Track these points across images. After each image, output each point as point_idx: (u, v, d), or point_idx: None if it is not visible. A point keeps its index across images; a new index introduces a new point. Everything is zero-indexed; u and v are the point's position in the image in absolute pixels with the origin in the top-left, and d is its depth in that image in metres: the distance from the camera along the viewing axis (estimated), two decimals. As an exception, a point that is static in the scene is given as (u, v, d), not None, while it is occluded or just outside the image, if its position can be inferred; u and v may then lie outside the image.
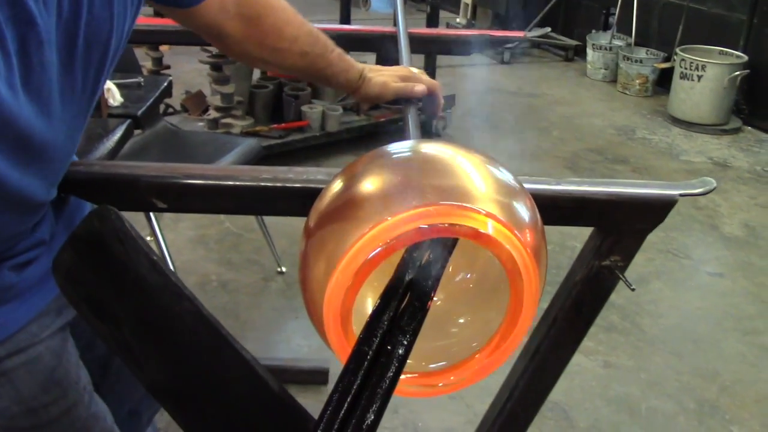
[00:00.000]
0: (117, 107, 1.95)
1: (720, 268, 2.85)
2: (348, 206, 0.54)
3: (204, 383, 0.86)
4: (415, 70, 1.26)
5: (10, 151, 0.68)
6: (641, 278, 2.68)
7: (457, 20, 5.95)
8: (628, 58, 4.71)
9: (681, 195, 0.98)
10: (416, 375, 0.60)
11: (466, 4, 5.87)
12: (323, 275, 0.52)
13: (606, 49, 4.93)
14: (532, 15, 5.68)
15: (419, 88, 1.19)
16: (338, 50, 1.16)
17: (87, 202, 1.00)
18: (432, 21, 3.68)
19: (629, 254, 1.03)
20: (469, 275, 0.67)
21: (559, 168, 3.66)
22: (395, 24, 1.54)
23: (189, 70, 4.16)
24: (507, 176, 0.60)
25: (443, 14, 5.40)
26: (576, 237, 2.69)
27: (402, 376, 0.56)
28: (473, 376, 0.59)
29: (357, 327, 0.55)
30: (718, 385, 2.18)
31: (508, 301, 0.55)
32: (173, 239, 2.70)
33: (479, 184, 0.56)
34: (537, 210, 0.60)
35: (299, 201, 0.95)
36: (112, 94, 1.96)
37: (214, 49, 3.06)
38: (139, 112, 1.95)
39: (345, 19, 4.23)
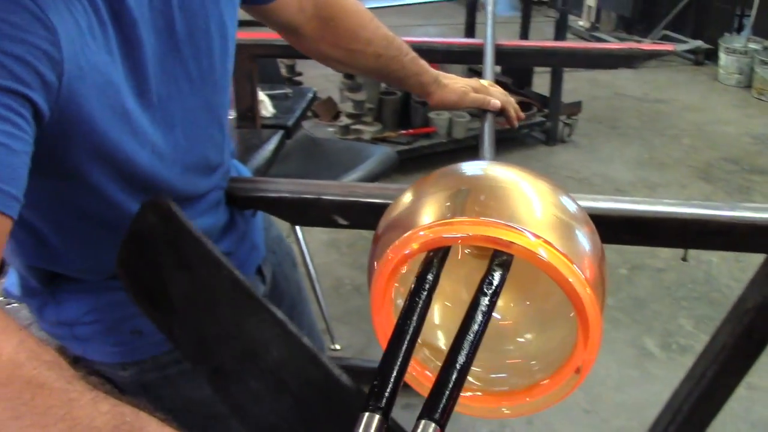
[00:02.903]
0: (269, 118, 2.05)
1: None
2: (403, 217, 0.59)
3: (242, 350, 0.79)
4: (485, 82, 1.29)
5: (121, 124, 0.72)
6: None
7: (580, 23, 5.86)
8: (766, 63, 4.50)
9: None
10: (480, 393, 0.60)
11: (590, 7, 5.76)
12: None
13: (741, 52, 4.73)
14: (659, 17, 5.51)
15: (495, 102, 1.24)
16: (413, 54, 1.19)
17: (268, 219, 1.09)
18: (560, 29, 3.63)
19: (806, 282, 1.01)
20: (528, 299, 0.68)
21: (692, 178, 3.55)
22: (491, 36, 1.56)
23: (316, 75, 4.27)
24: (569, 205, 0.59)
25: (567, 18, 5.31)
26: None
27: (466, 393, 0.59)
28: (541, 404, 0.59)
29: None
30: None
31: (568, 329, 0.56)
32: (307, 242, 2.80)
33: (534, 209, 0.58)
34: (598, 239, 0.60)
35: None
36: (265, 105, 2.06)
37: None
38: (290, 123, 2.04)
39: (470, 23, 4.24)
